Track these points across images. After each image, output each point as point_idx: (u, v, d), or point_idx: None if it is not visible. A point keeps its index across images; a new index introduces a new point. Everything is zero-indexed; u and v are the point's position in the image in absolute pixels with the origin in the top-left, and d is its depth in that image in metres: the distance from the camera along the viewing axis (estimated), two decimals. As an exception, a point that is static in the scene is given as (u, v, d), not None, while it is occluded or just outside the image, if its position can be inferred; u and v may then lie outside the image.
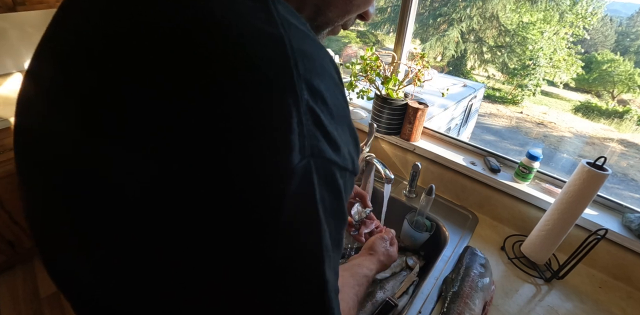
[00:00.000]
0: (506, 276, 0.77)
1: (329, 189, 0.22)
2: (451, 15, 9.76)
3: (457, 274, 0.71)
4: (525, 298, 0.72)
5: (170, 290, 0.20)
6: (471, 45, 10.15)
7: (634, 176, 6.84)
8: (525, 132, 8.44)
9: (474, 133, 5.54)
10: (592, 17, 9.22)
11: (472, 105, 4.12)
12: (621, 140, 8.35)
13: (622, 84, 9.98)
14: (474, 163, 0.97)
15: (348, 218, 0.24)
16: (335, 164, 0.22)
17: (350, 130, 0.25)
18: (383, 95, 1.01)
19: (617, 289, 0.77)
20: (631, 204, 0.81)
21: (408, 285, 0.74)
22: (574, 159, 7.47)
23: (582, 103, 9.83)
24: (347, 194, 0.25)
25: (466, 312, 0.63)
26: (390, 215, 0.87)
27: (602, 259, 0.79)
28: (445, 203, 1.00)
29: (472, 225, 0.92)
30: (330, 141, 0.21)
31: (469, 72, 10.76)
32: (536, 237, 0.79)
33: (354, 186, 0.28)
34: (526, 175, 0.88)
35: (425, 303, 0.68)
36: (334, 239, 0.23)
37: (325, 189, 0.22)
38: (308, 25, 0.26)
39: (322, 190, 0.21)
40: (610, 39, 11.84)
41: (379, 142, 1.12)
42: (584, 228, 0.79)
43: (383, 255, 0.60)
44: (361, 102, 1.22)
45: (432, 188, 0.81)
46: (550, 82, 9.91)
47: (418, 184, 1.05)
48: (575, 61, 9.40)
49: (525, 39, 9.51)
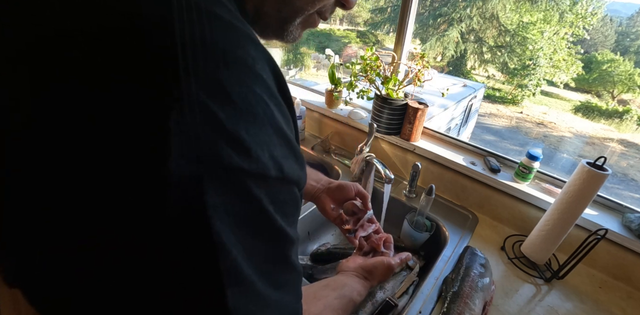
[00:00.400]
0: (506, 276, 0.77)
1: (239, 202, 0.19)
2: (451, 15, 9.77)
3: (457, 274, 0.72)
4: (525, 298, 0.72)
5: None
6: (471, 45, 10.15)
7: (634, 176, 6.85)
8: (525, 132, 8.45)
9: (474, 133, 5.54)
10: (592, 17, 9.23)
11: (472, 105, 4.12)
12: (621, 140, 8.35)
13: (622, 84, 9.99)
14: (474, 163, 0.97)
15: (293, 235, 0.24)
16: (243, 171, 0.19)
17: (277, 130, 0.21)
18: (383, 95, 1.01)
19: (617, 289, 0.77)
20: (631, 204, 0.81)
21: (408, 285, 0.74)
22: (574, 159, 7.48)
23: (582, 103, 9.84)
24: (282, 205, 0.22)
25: (466, 312, 0.63)
26: (390, 215, 0.87)
27: (602, 259, 0.79)
28: (445, 203, 1.00)
29: (472, 225, 0.92)
30: (234, 144, 0.19)
31: (469, 72, 10.76)
32: (536, 237, 0.79)
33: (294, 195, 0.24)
34: (526, 175, 0.88)
35: (425, 303, 0.68)
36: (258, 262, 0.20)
37: (231, 202, 0.19)
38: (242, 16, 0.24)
39: (223, 203, 0.18)
40: (610, 39, 11.84)
41: (379, 142, 1.12)
42: (584, 228, 0.79)
43: (377, 282, 0.56)
44: (361, 102, 1.22)
45: (432, 188, 0.81)
46: (550, 82, 9.91)
47: (418, 184, 1.05)
48: (575, 61, 9.40)
49: (525, 39, 9.52)
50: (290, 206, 0.23)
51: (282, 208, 0.22)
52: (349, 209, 0.65)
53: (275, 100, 0.22)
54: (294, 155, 0.23)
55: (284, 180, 0.22)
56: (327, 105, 1.25)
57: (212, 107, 0.18)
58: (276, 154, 0.21)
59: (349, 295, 0.47)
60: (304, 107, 1.23)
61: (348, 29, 12.99)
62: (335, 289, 0.47)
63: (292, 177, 0.23)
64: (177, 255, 0.18)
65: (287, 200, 0.23)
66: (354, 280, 0.52)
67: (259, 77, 0.21)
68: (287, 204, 0.23)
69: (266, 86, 0.21)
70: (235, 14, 0.21)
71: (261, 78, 0.21)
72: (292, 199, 0.24)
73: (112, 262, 0.17)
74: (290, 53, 10.30)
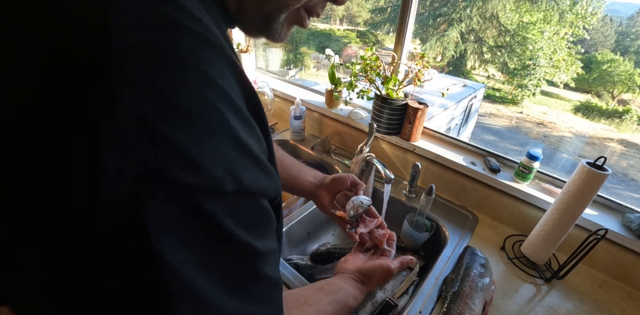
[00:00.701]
0: (506, 276, 0.77)
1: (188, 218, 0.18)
2: (451, 15, 9.76)
3: (457, 274, 0.72)
4: (525, 298, 0.72)
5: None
6: (471, 45, 10.15)
7: (634, 176, 6.84)
8: (525, 132, 8.44)
9: (474, 133, 5.54)
10: (592, 17, 9.22)
11: (472, 105, 4.11)
12: (621, 140, 8.35)
13: (622, 84, 9.98)
14: (474, 163, 0.97)
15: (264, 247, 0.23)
16: (190, 187, 0.18)
17: (235, 140, 0.20)
18: (383, 95, 1.01)
19: (617, 289, 0.77)
20: (631, 204, 0.81)
21: (408, 285, 0.74)
22: (574, 159, 7.47)
23: (582, 103, 9.84)
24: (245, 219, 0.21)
25: (466, 312, 0.63)
26: (390, 215, 0.87)
27: (602, 259, 0.79)
28: (445, 203, 1.00)
29: (472, 225, 0.92)
30: (179, 159, 0.17)
31: (469, 72, 10.76)
32: (536, 237, 0.79)
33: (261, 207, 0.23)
34: (526, 175, 0.88)
35: (425, 303, 0.68)
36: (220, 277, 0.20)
37: (178, 219, 0.18)
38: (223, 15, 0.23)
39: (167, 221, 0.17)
40: (610, 39, 11.84)
41: (379, 142, 1.12)
42: (584, 228, 0.79)
43: (375, 287, 0.54)
44: (361, 102, 1.22)
45: (432, 188, 0.81)
46: (550, 82, 9.91)
47: (418, 184, 1.05)
48: (575, 61, 9.40)
49: (525, 39, 9.52)
50: (257, 219, 0.22)
51: (246, 222, 0.21)
52: (341, 201, 0.63)
53: (234, 108, 0.21)
54: (257, 165, 0.22)
55: (245, 194, 0.21)
56: (327, 105, 1.25)
57: (152, 119, 0.17)
58: (233, 166, 0.20)
59: (344, 300, 0.46)
60: (304, 107, 1.23)
61: (348, 29, 12.99)
62: (329, 293, 0.45)
63: (254, 189, 0.21)
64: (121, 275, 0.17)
65: (251, 213, 0.22)
66: (350, 284, 0.50)
67: (213, 83, 0.19)
68: (253, 217, 0.22)
69: (222, 93, 0.20)
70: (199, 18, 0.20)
71: (215, 84, 0.19)
72: (259, 211, 0.23)
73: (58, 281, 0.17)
74: (290, 53, 10.30)
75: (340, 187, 0.62)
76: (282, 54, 9.41)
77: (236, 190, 0.20)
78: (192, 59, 0.18)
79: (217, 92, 0.20)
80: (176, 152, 0.17)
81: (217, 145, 0.19)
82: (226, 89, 0.20)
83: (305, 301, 0.40)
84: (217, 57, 0.20)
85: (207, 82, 0.19)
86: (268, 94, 1.32)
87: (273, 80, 1.53)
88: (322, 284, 0.48)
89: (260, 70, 1.63)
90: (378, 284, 0.54)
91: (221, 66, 0.20)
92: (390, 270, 0.53)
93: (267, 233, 0.24)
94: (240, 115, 0.21)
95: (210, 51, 0.20)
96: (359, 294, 0.50)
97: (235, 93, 0.21)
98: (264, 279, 0.23)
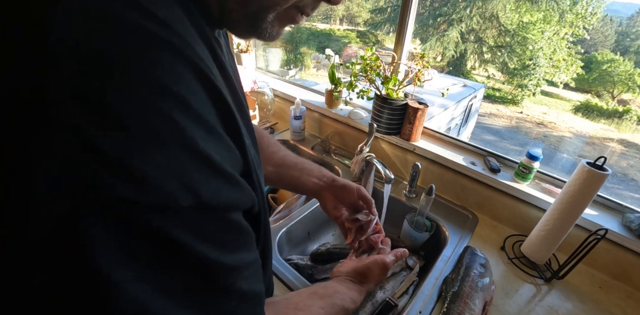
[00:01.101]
0: (506, 276, 0.77)
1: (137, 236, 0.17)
2: (451, 15, 9.77)
3: (457, 274, 0.72)
4: (525, 298, 0.72)
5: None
6: (471, 45, 10.15)
7: (634, 176, 6.84)
8: (525, 132, 8.44)
9: (474, 133, 5.54)
10: (592, 17, 9.22)
11: (472, 105, 4.11)
12: (621, 140, 8.35)
13: (622, 84, 9.98)
14: (474, 163, 0.97)
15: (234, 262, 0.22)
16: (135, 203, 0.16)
17: (193, 152, 0.19)
18: (383, 95, 1.01)
19: (617, 289, 0.77)
20: (631, 204, 0.81)
21: (408, 285, 0.74)
22: (574, 159, 7.47)
23: (582, 103, 9.84)
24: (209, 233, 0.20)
25: (466, 312, 0.63)
26: (390, 215, 0.87)
27: (602, 259, 0.79)
28: (445, 203, 1.00)
29: (472, 225, 0.92)
30: (122, 174, 0.16)
31: (469, 72, 10.76)
32: (536, 237, 0.79)
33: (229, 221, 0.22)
34: (526, 175, 0.88)
35: (425, 303, 0.68)
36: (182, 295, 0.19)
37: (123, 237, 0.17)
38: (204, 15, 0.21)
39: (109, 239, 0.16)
40: (610, 39, 11.84)
41: (379, 142, 1.12)
42: (584, 228, 0.79)
43: (374, 284, 0.53)
44: (361, 102, 1.22)
45: (432, 188, 0.81)
46: (550, 82, 9.91)
47: (418, 184, 1.05)
48: (574, 61, 9.40)
49: (525, 39, 9.52)
50: (223, 233, 0.21)
51: (211, 237, 0.20)
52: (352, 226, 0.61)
53: (193, 116, 0.19)
54: (221, 177, 0.20)
55: (206, 208, 0.20)
56: (327, 105, 1.25)
57: (90, 131, 0.15)
58: (190, 179, 0.18)
59: (340, 304, 0.44)
60: (304, 107, 1.23)
61: (348, 29, 12.99)
62: (323, 297, 0.43)
63: (217, 203, 0.20)
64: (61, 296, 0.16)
65: (217, 228, 0.21)
66: (347, 287, 0.49)
67: (166, 89, 0.18)
68: (219, 231, 0.21)
69: (178, 100, 0.18)
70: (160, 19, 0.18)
71: (169, 91, 0.18)
72: (225, 225, 0.22)
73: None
74: (290, 53, 10.30)
75: (346, 198, 0.61)
76: (282, 54, 9.42)
77: (194, 205, 0.19)
78: (140, 63, 0.17)
79: (171, 99, 0.18)
80: (116, 166, 0.16)
81: (169, 157, 0.17)
82: (183, 95, 0.18)
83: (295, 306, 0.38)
84: (176, 61, 0.19)
85: (157, 89, 0.17)
86: (268, 94, 1.32)
87: (273, 80, 1.53)
88: (316, 288, 0.46)
89: (260, 70, 1.63)
90: (376, 281, 0.53)
91: (181, 71, 0.19)
92: (385, 263, 0.53)
93: (241, 246, 0.23)
94: (202, 123, 0.20)
95: (168, 55, 0.18)
96: (357, 296, 0.48)
97: (197, 100, 0.20)
98: (237, 294, 0.22)
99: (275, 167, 0.58)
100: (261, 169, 0.35)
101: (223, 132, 0.22)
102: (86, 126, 0.15)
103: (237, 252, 0.23)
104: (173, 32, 0.19)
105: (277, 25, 0.29)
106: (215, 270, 0.21)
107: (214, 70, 0.24)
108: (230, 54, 0.37)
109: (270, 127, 1.34)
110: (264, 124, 1.33)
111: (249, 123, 0.32)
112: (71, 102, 0.15)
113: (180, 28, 0.20)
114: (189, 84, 0.19)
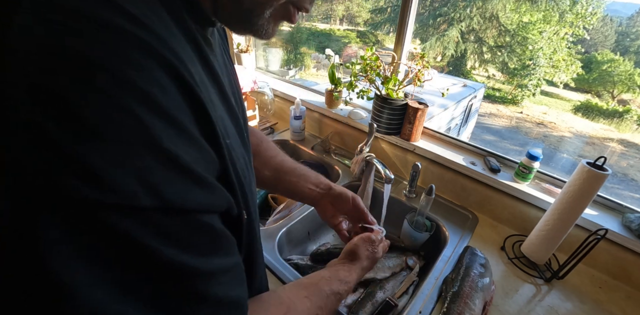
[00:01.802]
0: (506, 276, 0.77)
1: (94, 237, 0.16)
2: (451, 15, 9.76)
3: (457, 274, 0.72)
4: (525, 298, 0.72)
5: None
6: (471, 45, 10.14)
7: (634, 176, 6.84)
8: (525, 132, 8.44)
9: (474, 133, 5.54)
10: (592, 17, 9.22)
11: (472, 105, 4.11)
12: (621, 140, 8.35)
13: (622, 84, 9.98)
14: (474, 163, 0.97)
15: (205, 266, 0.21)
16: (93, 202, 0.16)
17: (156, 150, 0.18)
18: (383, 95, 1.01)
19: (617, 289, 0.77)
20: (631, 204, 0.81)
21: (408, 285, 0.74)
22: (574, 159, 7.47)
23: (582, 103, 9.83)
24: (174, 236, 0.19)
25: (466, 312, 0.63)
26: (390, 215, 0.87)
27: (602, 259, 0.79)
28: (445, 203, 1.00)
29: (472, 225, 0.92)
30: (79, 171, 0.16)
31: (469, 72, 10.76)
32: (536, 237, 0.79)
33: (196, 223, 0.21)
34: (526, 175, 0.88)
35: (425, 303, 0.68)
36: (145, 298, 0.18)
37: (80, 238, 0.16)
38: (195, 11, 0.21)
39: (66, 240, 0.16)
40: (610, 39, 11.83)
41: (379, 142, 1.12)
42: (584, 228, 0.79)
43: (367, 260, 0.52)
44: (361, 102, 1.22)
45: (432, 188, 0.81)
46: (550, 82, 9.91)
47: (418, 184, 1.05)
48: (574, 61, 9.40)
49: (525, 39, 9.52)
50: (194, 236, 0.20)
51: (179, 240, 0.19)
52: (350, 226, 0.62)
53: (161, 114, 0.18)
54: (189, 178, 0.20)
55: (172, 209, 0.19)
56: (327, 105, 1.25)
57: (48, 127, 0.15)
58: (153, 179, 0.18)
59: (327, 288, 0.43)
60: (304, 107, 1.23)
61: (348, 29, 12.99)
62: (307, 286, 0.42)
63: (182, 205, 0.19)
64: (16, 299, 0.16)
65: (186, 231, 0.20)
66: (335, 269, 0.48)
67: (132, 87, 0.17)
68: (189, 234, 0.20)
69: (144, 97, 0.18)
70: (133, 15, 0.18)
71: (135, 88, 0.17)
72: (196, 228, 0.21)
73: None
74: (290, 53, 10.30)
75: (342, 206, 0.60)
76: (282, 54, 9.41)
77: (158, 206, 0.18)
78: (106, 59, 0.17)
79: (136, 96, 0.17)
80: (74, 164, 0.16)
81: (129, 156, 0.17)
82: (151, 93, 0.18)
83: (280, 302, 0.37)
84: (145, 58, 0.18)
85: (122, 86, 0.17)
86: (268, 94, 1.32)
87: (273, 80, 1.53)
88: (301, 279, 0.45)
89: (260, 70, 1.63)
90: (368, 256, 0.52)
91: (150, 69, 0.18)
92: (369, 236, 0.54)
93: (215, 250, 0.22)
94: (171, 123, 0.19)
95: (137, 51, 0.18)
96: (347, 274, 0.47)
97: (168, 99, 0.19)
98: (210, 301, 0.21)
99: (272, 172, 0.57)
100: (251, 171, 0.34)
101: (197, 133, 0.21)
102: (42, 121, 0.15)
103: (209, 257, 0.22)
104: (145, 28, 0.18)
105: (273, 21, 0.29)
106: (184, 274, 0.20)
107: (196, 68, 0.23)
108: (227, 53, 0.37)
109: (270, 127, 1.34)
110: (264, 124, 1.33)
111: (238, 123, 0.31)
112: (27, 96, 0.15)
113: (155, 25, 0.19)
114: (159, 82, 0.19)
